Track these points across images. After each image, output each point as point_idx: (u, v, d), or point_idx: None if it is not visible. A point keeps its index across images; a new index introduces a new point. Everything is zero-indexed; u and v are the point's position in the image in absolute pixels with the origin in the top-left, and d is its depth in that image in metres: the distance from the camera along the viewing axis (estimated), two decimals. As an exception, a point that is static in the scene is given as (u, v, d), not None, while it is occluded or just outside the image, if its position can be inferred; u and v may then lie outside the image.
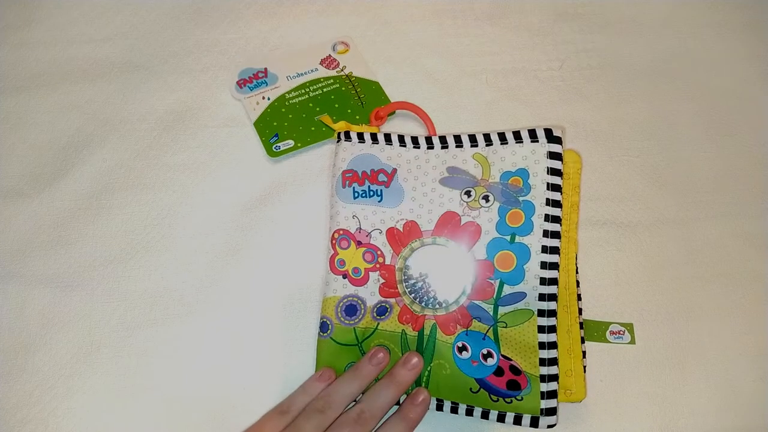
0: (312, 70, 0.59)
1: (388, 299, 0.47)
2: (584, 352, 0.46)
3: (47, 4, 0.62)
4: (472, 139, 0.48)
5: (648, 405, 0.47)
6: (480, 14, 0.62)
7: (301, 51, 0.60)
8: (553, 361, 0.44)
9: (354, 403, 0.44)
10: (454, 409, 0.44)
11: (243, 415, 0.45)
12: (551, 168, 0.46)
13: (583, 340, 0.46)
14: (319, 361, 0.46)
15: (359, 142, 0.51)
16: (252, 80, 0.58)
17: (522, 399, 0.43)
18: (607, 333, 0.48)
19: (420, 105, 0.56)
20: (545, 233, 0.45)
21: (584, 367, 0.45)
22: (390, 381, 0.44)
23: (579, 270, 0.49)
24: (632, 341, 0.48)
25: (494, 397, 0.43)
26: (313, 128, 0.56)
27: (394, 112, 0.56)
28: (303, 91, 0.58)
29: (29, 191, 0.54)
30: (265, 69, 0.59)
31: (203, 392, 0.47)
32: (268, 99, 0.57)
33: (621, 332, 0.48)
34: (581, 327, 0.46)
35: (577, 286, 0.48)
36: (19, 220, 0.53)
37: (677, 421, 0.46)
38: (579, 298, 0.47)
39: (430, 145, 0.50)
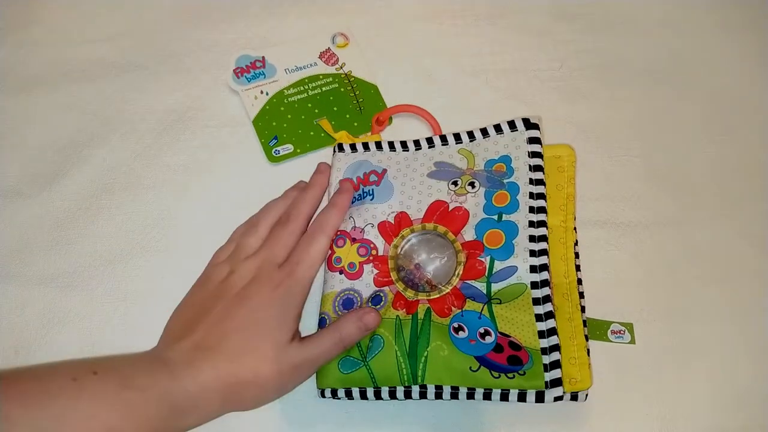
0: (311, 65, 0.59)
1: (382, 288, 0.47)
2: (587, 350, 0.46)
3: (47, 4, 0.62)
4: (457, 137, 0.52)
5: (648, 405, 0.47)
6: (480, 14, 0.62)
7: (300, 42, 0.60)
8: (552, 332, 0.43)
9: None
10: (454, 395, 0.44)
11: (242, 415, 0.45)
12: (531, 151, 0.49)
13: (587, 338, 0.46)
14: None
15: (352, 152, 0.53)
16: (249, 70, 0.58)
17: (525, 374, 0.42)
18: (608, 332, 0.48)
19: (420, 105, 0.56)
20: (531, 209, 0.47)
21: (587, 350, 0.45)
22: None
23: (579, 269, 0.49)
24: (632, 341, 0.48)
25: (495, 374, 0.42)
26: (312, 133, 0.56)
27: (392, 118, 0.56)
28: (302, 87, 0.58)
29: (29, 191, 0.54)
30: (263, 58, 0.59)
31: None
32: (267, 94, 0.57)
33: (621, 332, 0.48)
34: (585, 325, 0.46)
35: (580, 284, 0.48)
36: (19, 220, 0.53)
37: (677, 421, 0.46)
38: (581, 296, 0.47)
39: (418, 146, 0.53)
